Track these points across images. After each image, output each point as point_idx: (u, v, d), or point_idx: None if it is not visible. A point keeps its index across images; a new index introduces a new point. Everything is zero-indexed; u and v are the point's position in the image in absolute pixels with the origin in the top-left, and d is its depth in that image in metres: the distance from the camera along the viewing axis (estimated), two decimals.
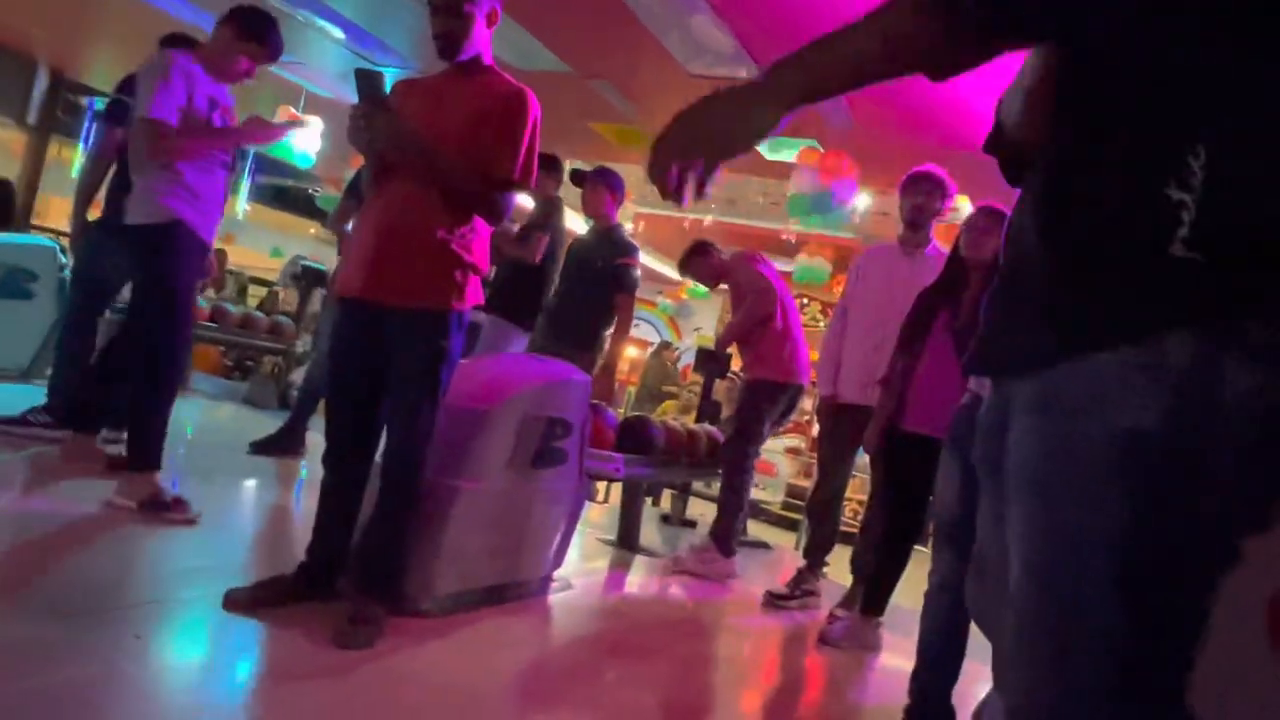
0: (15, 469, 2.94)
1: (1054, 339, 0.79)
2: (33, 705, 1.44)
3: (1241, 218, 0.71)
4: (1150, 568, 0.75)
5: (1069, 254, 0.80)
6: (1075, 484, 0.77)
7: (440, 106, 2.15)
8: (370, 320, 2.13)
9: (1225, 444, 0.72)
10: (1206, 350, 0.71)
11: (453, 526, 2.33)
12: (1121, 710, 0.76)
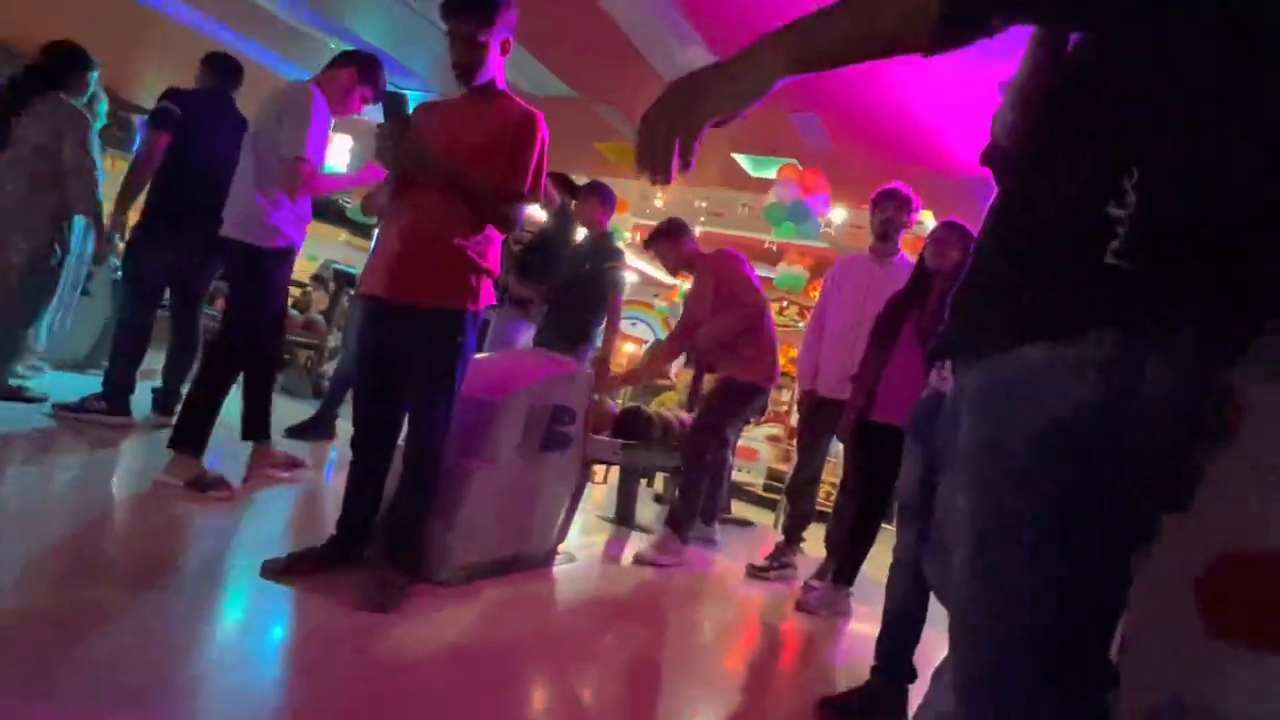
0: (77, 450, 2.94)
1: (999, 331, 0.79)
2: (93, 665, 1.45)
3: (1166, 233, 0.72)
4: (1075, 548, 0.75)
5: (1017, 257, 0.81)
6: (1009, 471, 0.77)
7: (458, 127, 2.14)
8: (393, 318, 2.13)
9: (1144, 435, 0.73)
10: (1130, 349, 0.71)
11: (468, 504, 2.33)
12: (1051, 677, 0.77)
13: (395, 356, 2.15)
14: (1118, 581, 0.79)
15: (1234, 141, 0.72)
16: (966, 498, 0.83)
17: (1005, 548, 0.78)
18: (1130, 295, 0.72)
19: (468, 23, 2.08)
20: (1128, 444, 0.73)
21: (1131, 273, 0.71)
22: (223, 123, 3.37)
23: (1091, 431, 0.73)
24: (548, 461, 2.65)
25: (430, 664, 1.83)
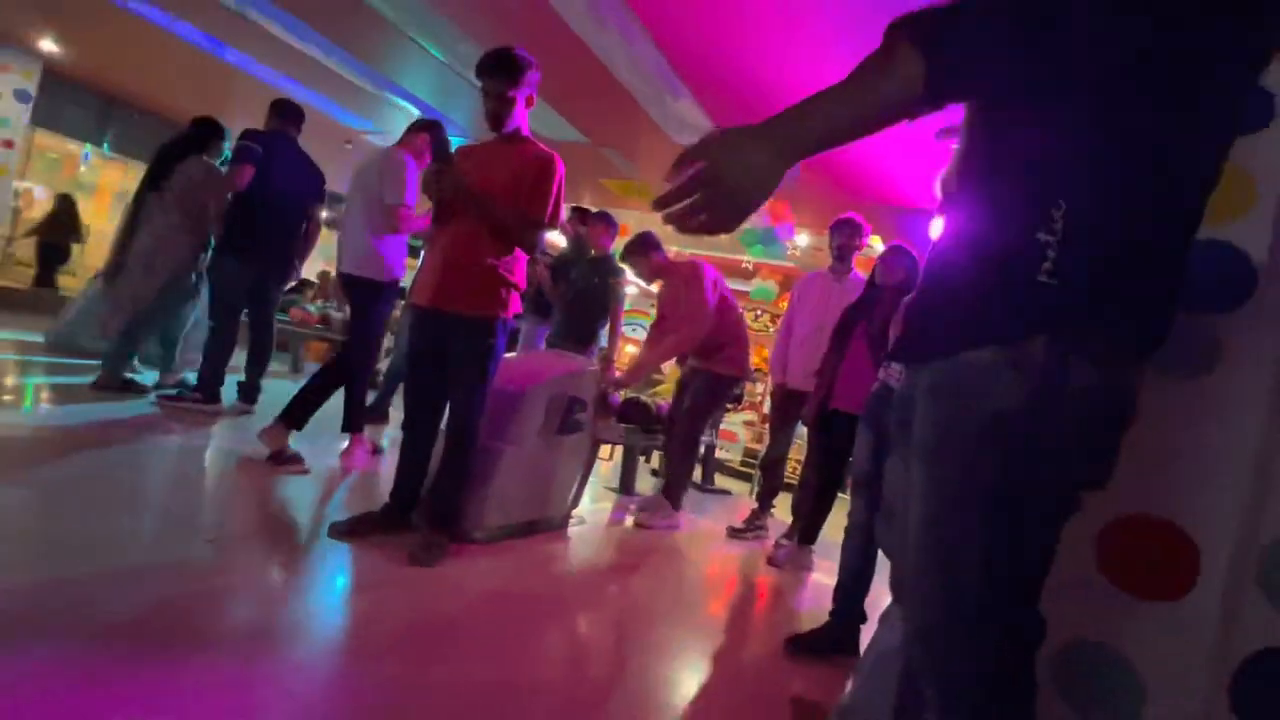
0: (177, 431, 2.93)
1: (950, 337, 0.80)
2: (180, 612, 1.45)
3: (1087, 256, 0.72)
4: (1015, 515, 0.75)
5: (966, 279, 0.81)
6: (956, 452, 0.77)
7: (490, 166, 2.14)
8: (438, 323, 2.13)
9: (1069, 424, 0.73)
10: (1059, 352, 0.72)
11: (498, 477, 2.33)
12: (992, 621, 0.77)
13: (440, 355, 2.15)
14: (1049, 546, 0.79)
15: (1140, 186, 0.73)
16: (922, 475, 0.83)
17: (956, 517, 0.78)
18: (1059, 308, 0.73)
19: (498, 81, 2.07)
20: (1058, 430, 0.73)
21: (1059, 288, 0.72)
22: (288, 159, 3.40)
23: (1030, 419, 0.73)
24: (563, 442, 2.65)
25: (467, 607, 1.84)
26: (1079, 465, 0.76)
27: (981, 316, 0.77)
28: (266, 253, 3.39)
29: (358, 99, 5.51)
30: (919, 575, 0.81)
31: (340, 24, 4.11)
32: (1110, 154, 0.73)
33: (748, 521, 3.59)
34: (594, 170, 5.92)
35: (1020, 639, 0.79)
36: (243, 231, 3.35)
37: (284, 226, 3.41)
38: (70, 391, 3.26)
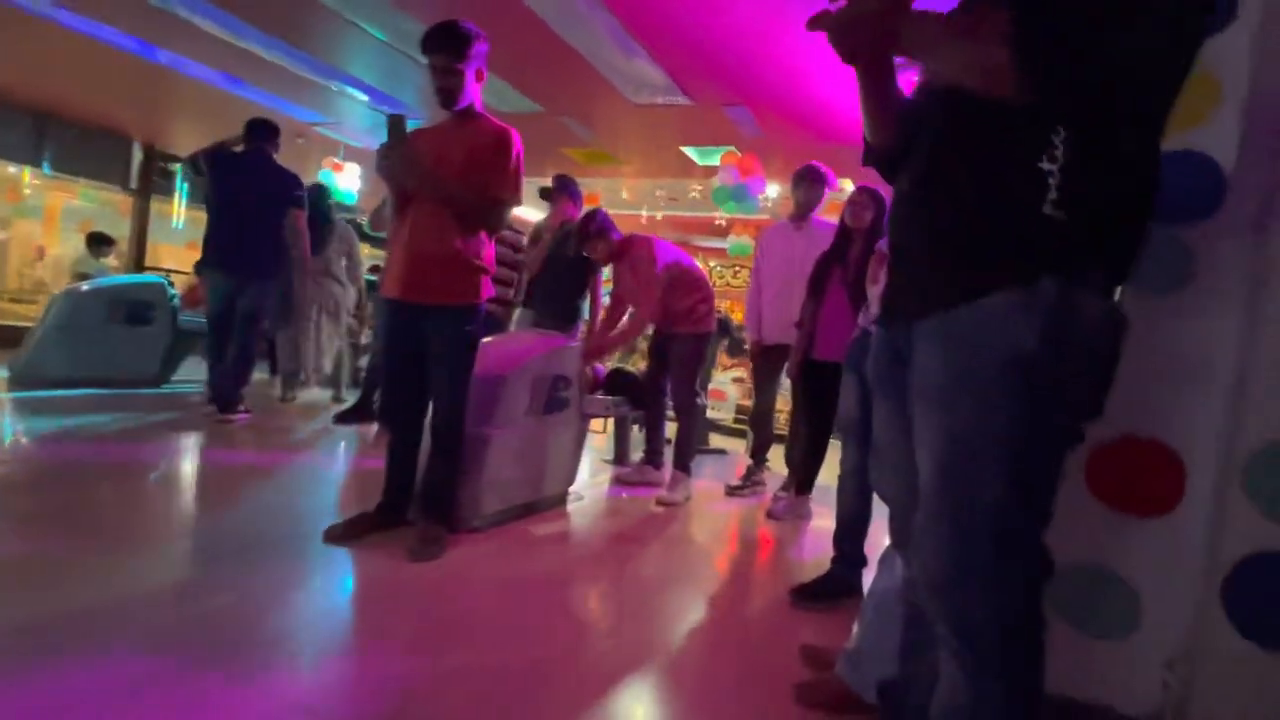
0: (168, 437, 2.88)
1: (957, 287, 0.79)
2: (189, 628, 1.43)
3: (1089, 186, 0.72)
4: (1028, 455, 0.76)
5: (962, 218, 0.80)
6: (974, 399, 0.77)
7: (445, 146, 2.06)
8: (411, 315, 2.08)
9: (1082, 359, 0.74)
10: (1067, 288, 0.73)
11: (490, 462, 2.31)
12: (1006, 564, 0.77)
13: (416, 347, 2.10)
14: (1055, 481, 0.80)
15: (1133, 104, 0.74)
16: (932, 423, 0.81)
17: (971, 463, 0.77)
18: (1068, 243, 0.73)
19: (445, 56, 1.98)
20: (1073, 366, 0.74)
21: (1065, 222, 0.71)
22: (264, 174, 3.62)
23: (1047, 358, 0.73)
24: (552, 421, 2.63)
25: (475, 595, 1.83)
26: (1091, 397, 0.76)
27: (988, 261, 0.76)
28: (248, 263, 3.53)
29: (304, 92, 5.29)
30: (932, 523, 0.81)
31: (274, 14, 3.91)
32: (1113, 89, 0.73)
33: (744, 478, 3.62)
34: (554, 140, 5.77)
35: (1031, 576, 0.79)
36: (222, 249, 3.50)
37: (263, 237, 3.57)
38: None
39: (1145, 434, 1.16)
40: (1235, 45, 1.11)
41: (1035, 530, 0.79)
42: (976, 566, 0.77)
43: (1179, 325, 1.14)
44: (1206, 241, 1.12)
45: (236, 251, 3.50)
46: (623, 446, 3.95)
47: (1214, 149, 1.11)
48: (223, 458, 2.93)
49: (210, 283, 3.56)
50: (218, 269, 3.52)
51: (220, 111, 6.11)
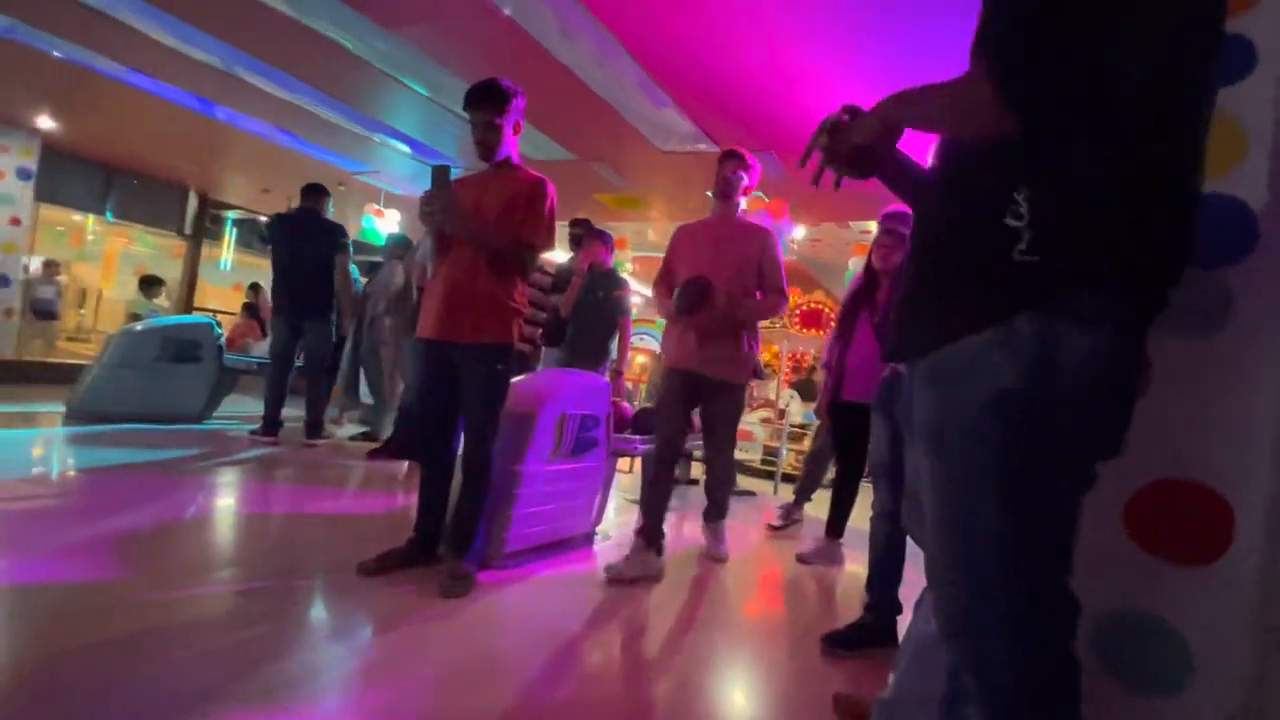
0: (209, 471, 2.96)
1: (938, 330, 0.80)
2: (217, 660, 1.45)
3: (1058, 231, 0.73)
4: (1025, 494, 0.75)
5: (946, 269, 0.82)
6: (959, 438, 0.77)
7: (484, 194, 2.15)
8: (444, 354, 2.13)
9: (1068, 391, 0.73)
10: (1045, 323, 0.73)
11: (519, 500, 2.33)
12: (1021, 604, 0.76)
13: (449, 385, 2.16)
14: (1067, 521, 0.78)
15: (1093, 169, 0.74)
16: (930, 465, 0.82)
17: (968, 503, 0.77)
18: (1041, 281, 0.73)
19: (485, 111, 2.10)
20: (1056, 402, 0.73)
21: (1037, 264, 0.72)
22: (313, 229, 4.11)
23: (1025, 395, 0.73)
24: (580, 459, 2.64)
25: (503, 634, 1.83)
26: (1085, 435, 0.75)
27: (965, 303, 0.78)
28: (304, 307, 4.07)
29: (350, 143, 5.58)
30: (941, 567, 0.80)
31: (325, 73, 4.17)
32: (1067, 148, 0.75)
33: (784, 516, 3.65)
34: (586, 186, 5.95)
35: (1053, 618, 0.78)
36: (284, 297, 4.05)
37: (315, 283, 4.09)
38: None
39: (1188, 477, 1.13)
40: (1259, 92, 1.12)
41: (1050, 571, 0.77)
42: (988, 606, 0.76)
43: (1220, 366, 1.12)
44: (1243, 284, 1.11)
45: (294, 297, 4.04)
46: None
47: (1244, 193, 1.12)
48: (260, 492, 3.01)
49: (275, 326, 4.14)
50: (279, 314, 4.09)
51: (270, 161, 6.48)
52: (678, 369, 2.60)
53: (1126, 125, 0.74)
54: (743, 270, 2.56)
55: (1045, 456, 0.74)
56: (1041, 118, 0.76)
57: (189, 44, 3.99)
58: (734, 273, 2.54)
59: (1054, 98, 0.73)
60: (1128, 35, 0.72)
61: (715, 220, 2.68)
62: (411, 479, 3.53)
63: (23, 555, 1.93)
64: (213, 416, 4.67)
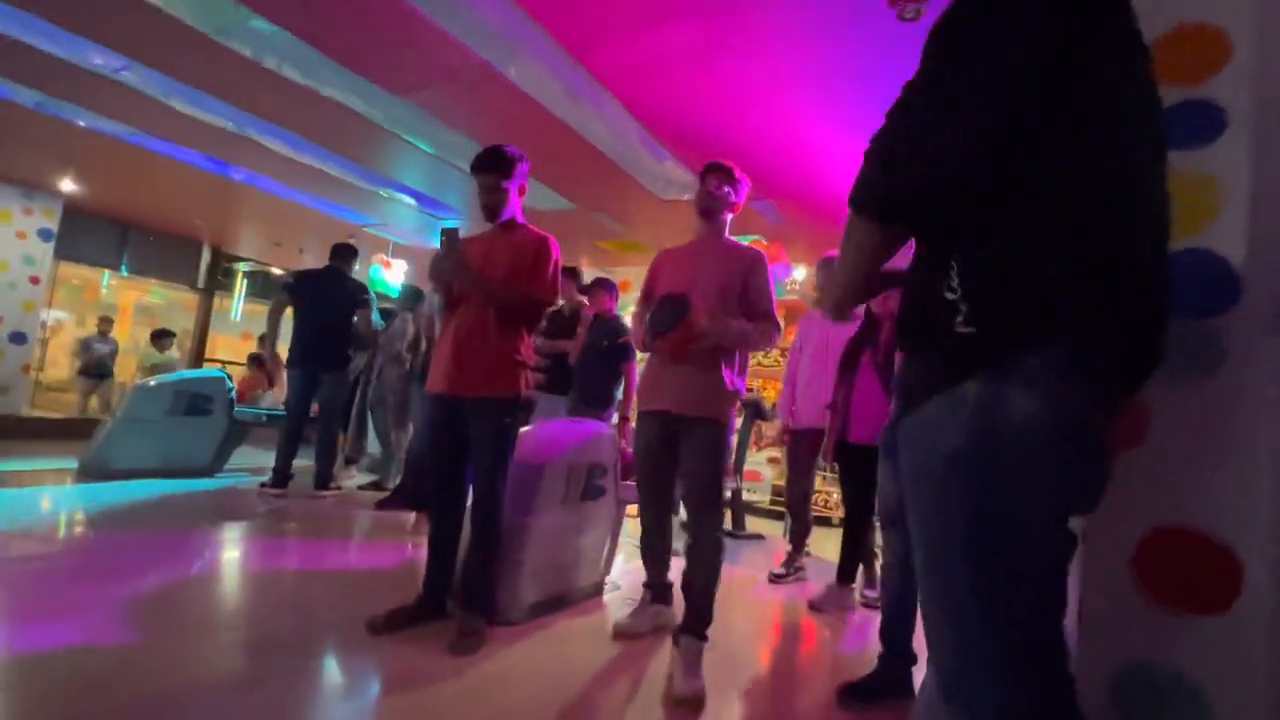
0: (217, 527, 2.96)
1: (909, 396, 0.84)
2: (242, 717, 1.44)
3: (992, 299, 0.77)
4: (992, 553, 0.76)
5: (909, 341, 0.87)
6: (927, 499, 0.80)
7: (492, 253, 2.22)
8: (454, 409, 2.17)
9: (1015, 453, 0.75)
10: (991, 388, 0.76)
11: (527, 553, 2.32)
12: (1004, 668, 0.75)
13: (458, 439, 2.18)
14: (1050, 582, 0.78)
15: (1013, 238, 0.77)
16: (911, 520, 0.85)
17: (943, 562, 0.78)
18: (981, 351, 0.76)
19: (491, 176, 2.19)
20: (1009, 461, 0.75)
21: (975, 334, 0.76)
22: (336, 287, 4.27)
23: (976, 457, 0.76)
24: (588, 509, 2.64)
25: (513, 691, 1.80)
26: (1043, 496, 0.76)
27: (925, 371, 0.82)
28: (323, 359, 4.18)
29: (358, 198, 5.74)
30: (930, 626, 0.81)
31: (335, 134, 4.33)
32: (989, 226, 0.78)
33: (786, 565, 3.53)
34: (589, 234, 6.07)
35: (1045, 680, 0.77)
36: (302, 351, 4.14)
37: (335, 341, 4.24)
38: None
39: (1192, 525, 1.14)
40: (1232, 151, 1.17)
41: (1037, 635, 0.76)
42: (976, 673, 0.76)
43: (1214, 414, 1.14)
44: (1232, 332, 1.14)
45: (314, 352, 4.16)
46: None
47: (1222, 248, 1.15)
48: (268, 548, 2.99)
49: (292, 378, 4.17)
50: (299, 366, 4.14)
51: (281, 216, 6.66)
52: (649, 413, 2.18)
53: (1035, 185, 0.76)
54: (726, 295, 2.14)
55: (1007, 518, 0.75)
56: (912, 212, 0.81)
57: (204, 110, 4.17)
58: (716, 298, 2.12)
59: (909, 193, 0.78)
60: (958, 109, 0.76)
61: (698, 241, 2.31)
62: (420, 529, 3.53)
63: (28, 620, 1.93)
64: (222, 469, 4.69)
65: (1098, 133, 0.78)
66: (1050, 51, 0.75)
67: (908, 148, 0.79)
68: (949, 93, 0.77)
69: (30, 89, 4.10)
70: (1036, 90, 0.75)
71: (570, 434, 2.66)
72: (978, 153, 0.75)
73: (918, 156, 0.78)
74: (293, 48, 3.20)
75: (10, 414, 6.30)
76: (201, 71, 3.58)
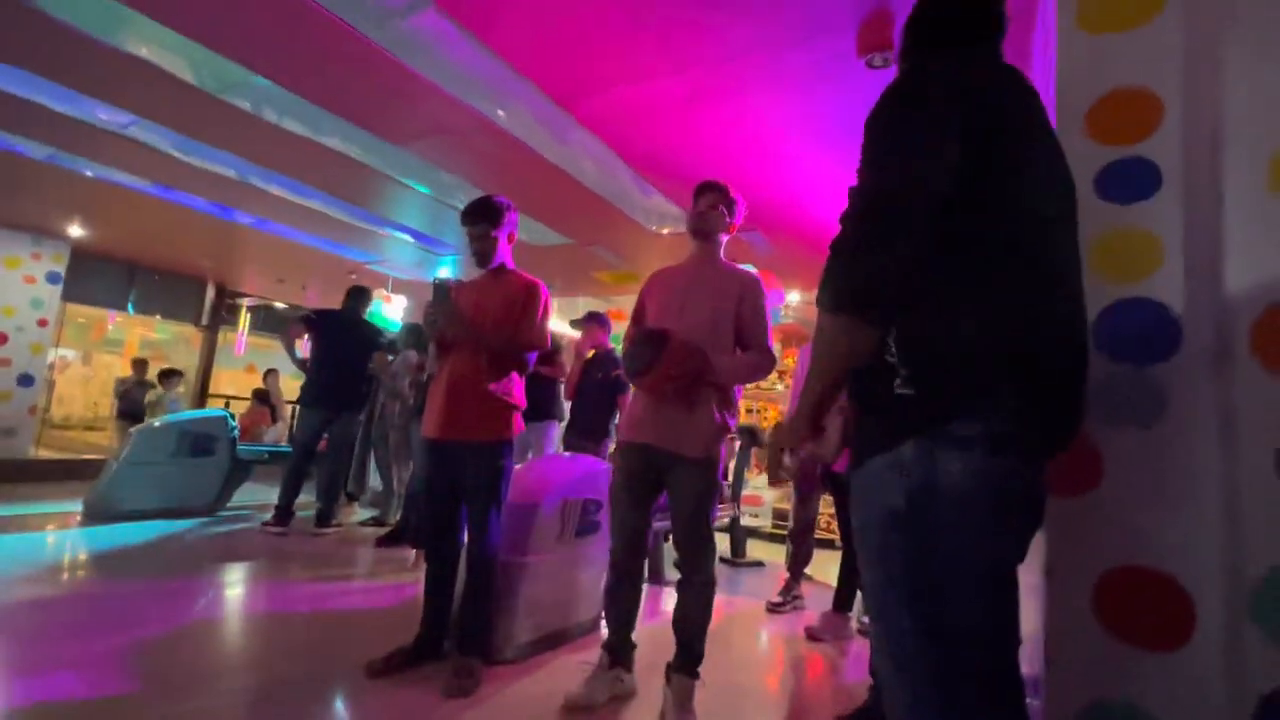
0: (215, 569, 3.00)
1: (858, 451, 0.91)
2: None
3: (927, 362, 0.83)
4: (930, 605, 0.81)
5: (856, 402, 0.93)
6: (872, 549, 0.86)
7: (483, 298, 2.30)
8: (448, 453, 2.22)
9: (949, 511, 0.81)
10: (926, 449, 0.81)
11: (523, 591, 2.36)
12: (956, 706, 0.79)
13: (454, 483, 2.24)
14: (992, 624, 0.82)
15: (942, 306, 0.84)
16: (861, 570, 0.91)
17: (887, 609, 0.84)
18: (918, 413, 0.83)
19: (482, 226, 2.28)
20: (944, 516, 0.81)
21: (913, 396, 0.82)
22: (350, 329, 4.45)
23: (915, 511, 0.82)
24: (584, 545, 2.68)
25: None
26: (983, 548, 0.81)
27: (870, 430, 0.88)
28: (339, 399, 4.31)
29: (358, 237, 5.86)
30: (882, 669, 0.86)
31: (334, 179, 4.46)
32: (920, 296, 0.84)
33: (783, 593, 3.54)
34: (585, 266, 6.17)
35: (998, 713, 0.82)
36: (322, 386, 4.25)
37: (352, 378, 4.39)
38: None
39: (1146, 563, 1.18)
40: (1168, 206, 1.24)
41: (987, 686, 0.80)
42: (922, 708, 0.81)
43: (1161, 456, 1.19)
44: (1174, 378, 1.20)
45: (335, 392, 4.28)
46: (656, 565, 3.92)
47: (1164, 296, 1.22)
48: (269, 590, 3.02)
49: (304, 415, 4.28)
50: (314, 406, 4.25)
51: (283, 255, 6.78)
52: (629, 444, 2.06)
53: (960, 255, 0.83)
54: (718, 321, 2.02)
55: (944, 571, 0.81)
56: (884, 295, 0.84)
57: (208, 160, 4.31)
58: (707, 324, 2.01)
59: (873, 277, 0.83)
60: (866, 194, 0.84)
61: (691, 263, 2.19)
62: (420, 566, 3.55)
63: (27, 670, 1.96)
64: (225, 507, 4.73)
65: (1015, 207, 0.86)
66: (967, 139, 0.84)
67: (860, 241, 0.85)
68: (885, 185, 0.85)
69: (42, 144, 4.25)
70: (954, 173, 0.83)
71: (564, 470, 2.71)
72: (921, 232, 0.82)
73: (873, 245, 0.83)
74: (292, 101, 3.33)
75: (16, 457, 6.37)
76: (205, 125, 3.72)
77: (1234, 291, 1.16)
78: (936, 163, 0.83)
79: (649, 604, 3.41)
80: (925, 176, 0.82)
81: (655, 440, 2.01)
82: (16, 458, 6.36)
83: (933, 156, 0.83)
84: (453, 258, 6.24)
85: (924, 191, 0.82)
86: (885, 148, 0.85)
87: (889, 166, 0.84)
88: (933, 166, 0.83)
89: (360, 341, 4.44)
